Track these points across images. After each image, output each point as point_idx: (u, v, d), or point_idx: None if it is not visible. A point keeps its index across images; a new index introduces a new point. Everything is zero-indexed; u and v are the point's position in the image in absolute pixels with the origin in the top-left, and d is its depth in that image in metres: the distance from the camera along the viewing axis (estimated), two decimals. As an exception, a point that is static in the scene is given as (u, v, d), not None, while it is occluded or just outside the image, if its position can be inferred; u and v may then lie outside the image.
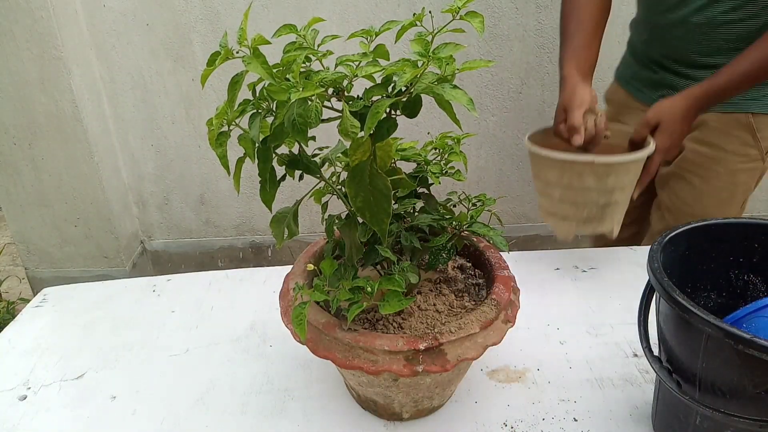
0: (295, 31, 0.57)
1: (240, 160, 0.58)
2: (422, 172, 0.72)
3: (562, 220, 0.90)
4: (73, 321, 0.96)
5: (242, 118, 0.56)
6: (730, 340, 0.49)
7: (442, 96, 0.50)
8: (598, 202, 0.86)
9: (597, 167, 0.82)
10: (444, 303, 0.70)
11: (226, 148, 0.56)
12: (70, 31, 1.82)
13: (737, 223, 0.68)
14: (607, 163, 0.82)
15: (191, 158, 2.17)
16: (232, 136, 0.58)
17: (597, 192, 0.85)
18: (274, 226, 0.65)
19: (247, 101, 0.55)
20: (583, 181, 0.84)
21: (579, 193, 0.85)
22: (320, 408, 0.76)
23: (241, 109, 0.55)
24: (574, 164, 0.83)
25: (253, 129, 0.54)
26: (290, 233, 0.66)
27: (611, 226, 0.90)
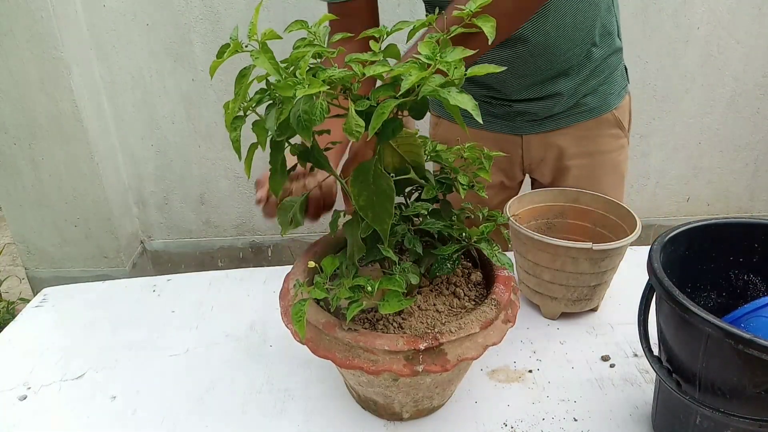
0: (306, 28, 0.57)
1: (253, 145, 0.58)
2: (449, 180, 0.72)
3: (551, 300, 0.90)
4: (73, 321, 0.96)
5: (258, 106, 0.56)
6: (730, 339, 0.49)
7: (447, 100, 0.49)
8: (590, 284, 0.86)
9: (594, 253, 0.81)
10: (444, 303, 0.70)
11: (240, 132, 0.56)
12: (70, 31, 1.82)
13: (737, 223, 0.68)
14: (604, 249, 0.81)
15: (191, 158, 2.17)
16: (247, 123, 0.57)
17: (590, 275, 0.85)
18: (281, 213, 0.65)
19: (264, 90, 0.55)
20: (577, 265, 0.83)
21: (572, 277, 0.85)
22: (320, 408, 0.76)
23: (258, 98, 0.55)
24: (569, 250, 0.82)
25: (269, 120, 0.54)
26: (295, 223, 0.66)
27: (597, 303, 0.91)
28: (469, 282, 0.74)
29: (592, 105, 1.06)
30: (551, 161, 1.12)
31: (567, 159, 1.10)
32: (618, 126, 1.09)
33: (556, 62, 0.99)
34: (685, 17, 2.04)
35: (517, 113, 1.07)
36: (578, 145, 1.09)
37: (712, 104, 2.20)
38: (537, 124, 1.08)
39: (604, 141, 1.09)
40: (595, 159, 1.10)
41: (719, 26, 2.06)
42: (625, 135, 1.12)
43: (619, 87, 1.08)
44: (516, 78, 1.01)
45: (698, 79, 2.15)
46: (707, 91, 2.18)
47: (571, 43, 0.97)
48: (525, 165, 1.15)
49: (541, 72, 1.00)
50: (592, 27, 0.98)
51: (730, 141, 2.29)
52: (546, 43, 0.96)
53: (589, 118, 1.07)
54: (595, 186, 1.05)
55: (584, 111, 1.06)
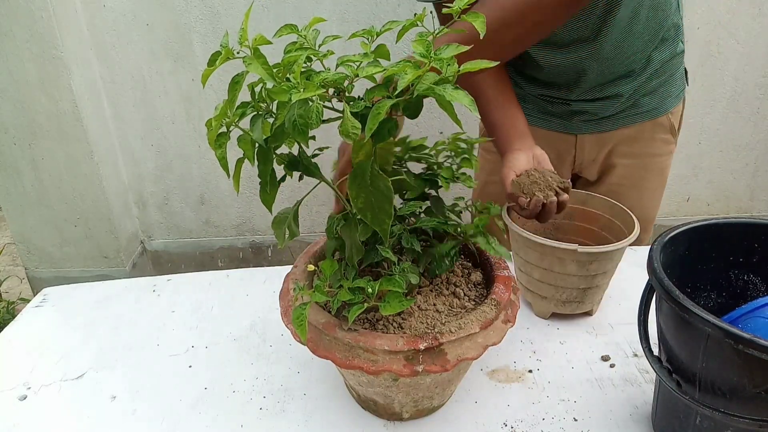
0: (296, 31, 0.57)
1: (240, 160, 0.58)
2: (433, 175, 0.71)
3: (541, 299, 0.90)
4: (73, 321, 0.96)
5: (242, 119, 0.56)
6: (730, 339, 0.49)
7: (443, 97, 0.50)
8: (579, 287, 0.86)
9: (580, 255, 0.81)
10: (444, 303, 0.70)
11: (225, 149, 0.56)
12: (70, 31, 1.82)
13: (737, 223, 0.68)
14: (590, 252, 0.80)
15: (191, 158, 2.17)
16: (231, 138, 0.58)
17: (578, 277, 0.84)
18: (276, 227, 0.65)
19: (246, 103, 0.55)
20: (564, 266, 0.83)
21: (560, 277, 0.84)
22: (320, 408, 0.76)
23: (241, 112, 0.55)
24: (555, 250, 0.81)
25: (256, 131, 0.54)
26: (291, 234, 0.66)
27: (591, 307, 0.91)
28: (469, 282, 0.74)
29: (650, 106, 1.05)
30: (601, 159, 1.12)
31: (616, 157, 1.10)
32: (671, 131, 1.09)
33: (622, 65, 0.99)
34: (685, 17, 2.04)
35: (574, 112, 1.07)
36: (630, 146, 1.09)
37: (712, 104, 2.20)
38: (594, 124, 1.08)
39: (655, 145, 1.09)
40: (643, 161, 1.10)
41: (719, 26, 2.05)
42: (674, 141, 1.11)
43: (678, 89, 1.08)
44: (580, 80, 1.01)
45: (698, 79, 2.15)
46: (707, 91, 2.18)
47: (639, 46, 0.97)
48: (576, 164, 1.15)
49: (606, 75, 1.00)
50: (660, 29, 0.98)
51: (730, 141, 2.29)
52: (615, 47, 0.96)
53: (647, 120, 1.06)
54: (637, 186, 1.05)
55: (642, 112, 1.06)
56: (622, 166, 1.10)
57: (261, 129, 0.53)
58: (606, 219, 0.95)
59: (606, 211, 0.95)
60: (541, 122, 1.12)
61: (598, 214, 0.96)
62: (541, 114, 1.12)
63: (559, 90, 1.05)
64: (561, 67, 1.00)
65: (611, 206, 0.94)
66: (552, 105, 1.09)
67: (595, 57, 0.97)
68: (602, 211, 0.96)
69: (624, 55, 0.97)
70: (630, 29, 0.94)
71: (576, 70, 1.00)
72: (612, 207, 0.94)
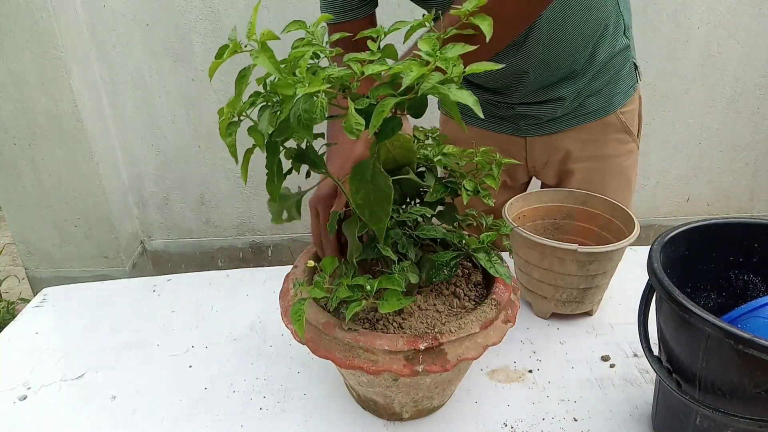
0: (304, 28, 0.57)
1: (249, 150, 0.58)
2: (455, 184, 0.70)
3: (541, 299, 0.90)
4: (73, 321, 0.96)
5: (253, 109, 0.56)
6: (730, 339, 0.49)
7: (447, 96, 0.49)
8: (579, 287, 0.86)
9: (579, 255, 0.81)
10: (444, 303, 0.70)
11: (235, 137, 0.56)
12: (70, 31, 1.82)
13: (737, 223, 0.68)
14: (590, 252, 0.81)
15: (191, 158, 2.17)
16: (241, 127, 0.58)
17: (578, 277, 0.84)
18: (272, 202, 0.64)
19: (258, 93, 0.55)
20: (564, 266, 0.83)
21: (560, 277, 0.84)
22: (320, 408, 0.76)
23: (251, 101, 0.55)
24: (555, 250, 0.81)
25: (262, 122, 0.53)
26: (290, 216, 0.65)
27: (591, 307, 0.91)
28: (469, 282, 0.74)
29: (596, 106, 1.04)
30: (555, 164, 1.11)
31: (572, 162, 1.09)
32: (624, 131, 1.07)
33: (560, 67, 0.98)
34: (685, 17, 2.04)
35: (520, 116, 1.07)
36: (583, 149, 1.07)
37: (712, 104, 2.20)
38: (540, 127, 1.07)
39: (609, 145, 1.07)
40: (599, 163, 1.09)
41: (719, 26, 2.06)
42: (633, 140, 1.09)
43: (626, 86, 1.05)
44: (520, 84, 1.00)
45: (698, 79, 2.15)
46: (707, 91, 2.18)
47: (574, 46, 0.95)
48: (529, 167, 1.15)
49: (545, 78, 0.99)
50: (596, 28, 0.96)
51: (730, 141, 2.29)
52: (547, 50, 0.94)
53: (594, 120, 1.05)
54: (599, 190, 1.04)
55: (588, 113, 1.04)
56: (579, 170, 1.09)
57: (267, 120, 0.53)
58: (605, 219, 0.95)
59: (606, 210, 0.95)
60: (491, 125, 1.11)
61: (598, 214, 0.96)
62: (489, 117, 1.11)
63: (503, 95, 1.04)
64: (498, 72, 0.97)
65: (612, 206, 0.94)
66: (498, 108, 1.08)
67: (528, 61, 0.95)
68: (602, 210, 0.96)
69: (559, 56, 0.96)
70: (560, 30, 0.92)
71: (513, 73, 0.98)
72: (612, 207, 0.94)
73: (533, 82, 1.00)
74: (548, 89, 1.01)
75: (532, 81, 0.99)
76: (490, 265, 0.68)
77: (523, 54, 0.95)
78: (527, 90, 1.01)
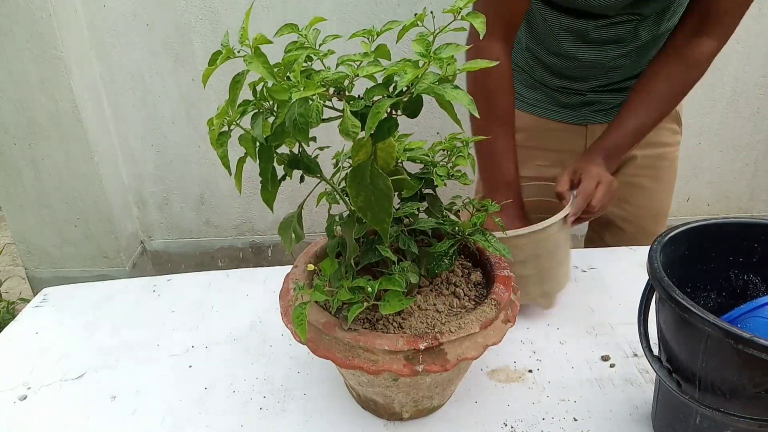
0: (296, 31, 0.57)
1: (241, 160, 0.58)
2: (428, 174, 0.71)
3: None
4: (73, 321, 0.96)
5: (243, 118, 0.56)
6: (730, 339, 0.49)
7: (443, 96, 0.50)
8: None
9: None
10: (444, 303, 0.70)
11: (227, 148, 0.56)
12: (70, 31, 1.82)
13: (737, 223, 0.68)
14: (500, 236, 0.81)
15: (191, 158, 2.17)
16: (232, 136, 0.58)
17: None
18: (282, 233, 0.65)
19: (248, 102, 0.55)
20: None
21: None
22: (320, 408, 0.76)
23: (242, 110, 0.55)
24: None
25: (256, 128, 0.54)
26: (297, 237, 0.66)
27: (531, 300, 0.89)
28: (469, 282, 0.74)
29: None
30: None
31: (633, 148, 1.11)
32: (676, 121, 1.11)
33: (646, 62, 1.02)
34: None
35: (585, 103, 1.09)
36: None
37: (712, 104, 2.20)
38: (603, 114, 1.10)
39: (664, 134, 1.11)
40: (656, 149, 1.12)
41: (719, 26, 2.05)
42: (680, 132, 1.14)
43: None
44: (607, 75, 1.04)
45: (698, 79, 2.15)
46: (707, 91, 2.17)
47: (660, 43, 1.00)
48: None
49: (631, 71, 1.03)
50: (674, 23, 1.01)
51: (730, 141, 2.29)
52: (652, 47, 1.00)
53: None
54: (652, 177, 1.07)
55: None
56: (641, 156, 1.12)
57: (261, 127, 0.53)
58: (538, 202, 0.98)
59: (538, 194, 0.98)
60: (552, 113, 1.13)
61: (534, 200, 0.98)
62: (551, 105, 1.13)
63: (581, 82, 1.07)
64: (593, 63, 1.02)
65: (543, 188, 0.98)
66: (566, 96, 1.10)
67: (629, 57, 1.00)
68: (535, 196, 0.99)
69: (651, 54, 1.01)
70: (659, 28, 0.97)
71: (608, 67, 1.02)
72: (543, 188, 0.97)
73: (620, 74, 1.04)
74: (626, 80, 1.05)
75: (620, 74, 1.04)
76: (488, 244, 0.68)
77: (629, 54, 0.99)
78: (609, 80, 1.05)
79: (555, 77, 1.09)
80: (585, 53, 1.01)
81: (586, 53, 1.01)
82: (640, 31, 0.95)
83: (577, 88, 1.08)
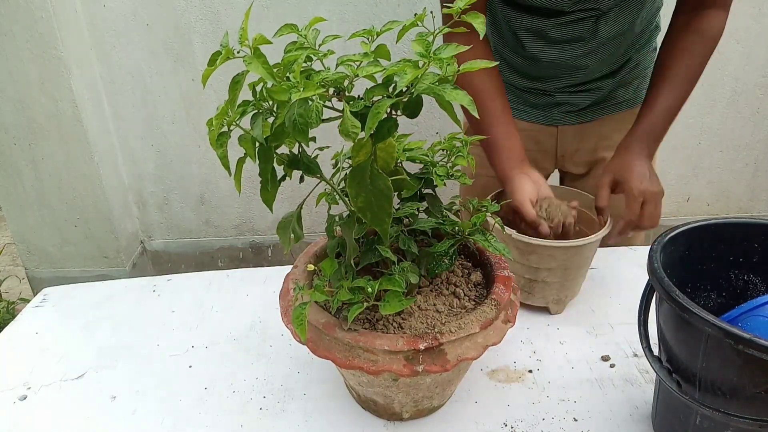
0: (296, 31, 0.57)
1: (240, 160, 0.58)
2: (428, 174, 0.71)
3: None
4: (73, 321, 0.96)
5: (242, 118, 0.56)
6: (730, 339, 0.49)
7: (442, 96, 0.50)
8: (524, 275, 0.89)
9: (517, 242, 0.85)
10: (444, 303, 0.70)
11: (226, 148, 0.56)
12: (70, 31, 1.82)
13: (737, 223, 0.68)
14: (526, 242, 0.84)
15: (191, 158, 2.17)
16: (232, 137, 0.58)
17: (521, 266, 0.88)
18: (281, 233, 0.65)
19: (247, 102, 0.55)
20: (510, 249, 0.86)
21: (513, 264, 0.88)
22: (320, 408, 0.76)
23: (241, 110, 0.55)
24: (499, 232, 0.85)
25: (256, 128, 0.54)
26: (296, 237, 0.66)
27: (544, 303, 0.92)
28: (469, 282, 0.74)
29: (626, 97, 1.09)
30: (585, 152, 1.14)
31: (602, 150, 1.12)
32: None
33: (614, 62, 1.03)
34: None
35: (555, 104, 1.10)
36: (612, 137, 1.11)
37: (712, 104, 2.20)
38: (573, 115, 1.10)
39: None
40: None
41: (719, 26, 2.05)
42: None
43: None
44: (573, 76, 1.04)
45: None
46: (707, 91, 2.17)
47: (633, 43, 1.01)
48: (558, 156, 1.17)
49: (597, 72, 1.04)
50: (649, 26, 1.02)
51: (730, 141, 2.29)
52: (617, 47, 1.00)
53: (624, 110, 1.10)
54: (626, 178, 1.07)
55: (618, 103, 1.10)
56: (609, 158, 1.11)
57: (261, 127, 0.53)
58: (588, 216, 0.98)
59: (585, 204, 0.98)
60: (523, 114, 1.13)
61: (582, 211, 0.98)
62: (522, 106, 1.14)
63: (546, 82, 1.08)
64: (556, 63, 1.02)
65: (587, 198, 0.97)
66: (534, 96, 1.11)
67: (594, 57, 1.00)
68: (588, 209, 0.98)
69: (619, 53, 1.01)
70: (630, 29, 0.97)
71: (573, 66, 1.02)
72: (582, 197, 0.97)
73: (586, 75, 1.04)
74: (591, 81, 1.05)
75: (586, 74, 1.04)
76: (488, 244, 0.68)
77: (592, 52, 0.99)
78: (575, 80, 1.05)
79: (521, 78, 1.09)
80: (546, 53, 1.01)
81: (548, 53, 1.01)
82: (600, 27, 0.95)
83: (544, 88, 1.09)
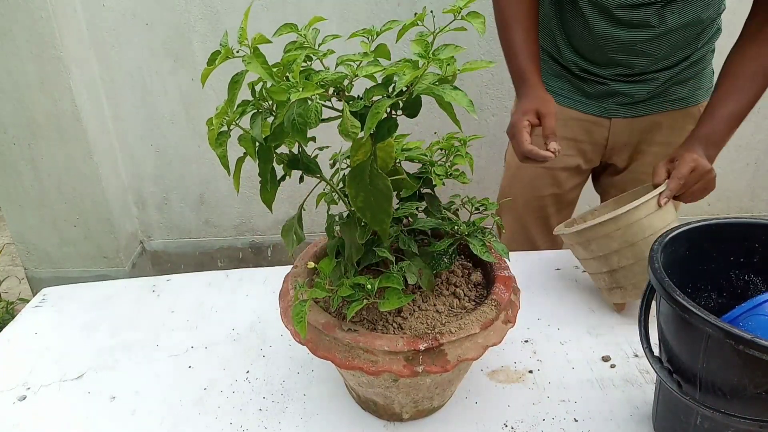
0: (295, 30, 0.57)
1: (240, 159, 0.58)
2: (426, 173, 0.71)
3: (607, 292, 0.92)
4: (73, 321, 0.96)
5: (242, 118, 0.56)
6: (731, 340, 0.49)
7: (442, 97, 0.49)
8: (601, 270, 0.89)
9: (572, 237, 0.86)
10: (444, 303, 0.70)
11: (226, 147, 0.56)
12: (70, 31, 1.82)
13: (737, 223, 0.68)
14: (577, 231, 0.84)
15: (191, 158, 2.17)
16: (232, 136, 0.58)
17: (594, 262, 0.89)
18: (285, 235, 0.66)
19: (247, 102, 0.55)
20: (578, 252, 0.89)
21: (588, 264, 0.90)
22: (320, 408, 0.75)
23: (241, 110, 0.55)
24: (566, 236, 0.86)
25: (255, 128, 0.54)
26: (298, 239, 0.66)
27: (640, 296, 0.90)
28: (469, 282, 0.74)
29: (681, 95, 1.09)
30: (632, 145, 1.14)
31: (645, 144, 1.13)
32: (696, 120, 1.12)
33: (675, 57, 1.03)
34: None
35: (610, 93, 1.09)
36: (659, 133, 1.11)
37: (712, 104, 2.20)
38: (628, 108, 1.10)
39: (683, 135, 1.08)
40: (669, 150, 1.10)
41: (719, 26, 2.05)
42: None
43: (708, 84, 1.11)
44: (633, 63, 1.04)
45: (698, 79, 2.15)
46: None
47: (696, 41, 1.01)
48: (607, 149, 1.17)
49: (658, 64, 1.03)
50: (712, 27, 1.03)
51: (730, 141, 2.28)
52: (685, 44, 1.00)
53: (678, 108, 1.10)
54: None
55: (674, 100, 1.09)
56: (650, 153, 1.12)
57: (260, 127, 0.53)
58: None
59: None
60: (578, 105, 1.13)
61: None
62: (577, 96, 1.14)
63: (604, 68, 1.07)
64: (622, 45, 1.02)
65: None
66: (589, 85, 1.11)
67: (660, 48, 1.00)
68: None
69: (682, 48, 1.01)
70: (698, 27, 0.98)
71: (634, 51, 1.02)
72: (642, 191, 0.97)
73: (646, 64, 1.04)
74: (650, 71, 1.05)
75: (646, 63, 1.04)
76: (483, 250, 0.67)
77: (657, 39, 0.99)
78: (634, 70, 1.05)
79: (580, 58, 1.09)
80: (611, 32, 1.00)
81: (613, 32, 1.00)
82: (666, 15, 0.95)
83: (600, 74, 1.08)
